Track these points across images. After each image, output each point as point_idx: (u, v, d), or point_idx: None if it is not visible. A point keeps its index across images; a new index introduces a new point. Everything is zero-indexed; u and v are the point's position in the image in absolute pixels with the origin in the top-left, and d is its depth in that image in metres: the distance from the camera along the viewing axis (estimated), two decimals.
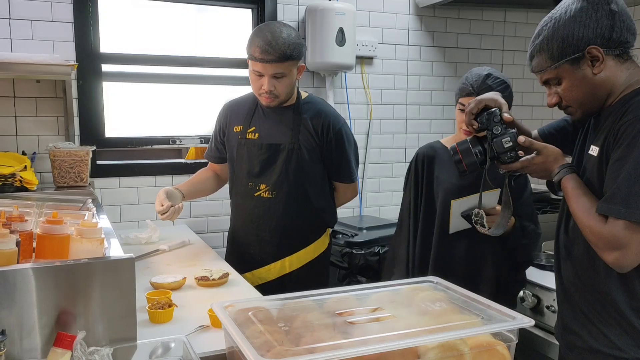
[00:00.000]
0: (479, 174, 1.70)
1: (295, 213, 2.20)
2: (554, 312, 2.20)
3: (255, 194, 2.21)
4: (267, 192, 2.19)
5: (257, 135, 2.21)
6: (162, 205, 2.10)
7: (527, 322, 1.16)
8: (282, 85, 2.10)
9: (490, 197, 1.92)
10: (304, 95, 2.27)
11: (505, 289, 2.01)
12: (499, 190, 1.89)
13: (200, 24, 3.09)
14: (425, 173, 2.07)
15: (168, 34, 2.99)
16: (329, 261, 2.43)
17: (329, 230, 2.36)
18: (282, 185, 2.18)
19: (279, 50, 2.02)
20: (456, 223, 1.99)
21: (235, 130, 2.26)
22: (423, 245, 2.05)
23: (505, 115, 1.56)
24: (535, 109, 3.81)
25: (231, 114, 2.31)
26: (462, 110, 1.87)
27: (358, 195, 3.25)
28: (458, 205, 1.98)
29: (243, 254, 2.28)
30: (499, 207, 1.89)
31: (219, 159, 2.40)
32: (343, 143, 2.23)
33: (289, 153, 2.17)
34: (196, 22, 3.08)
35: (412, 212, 2.10)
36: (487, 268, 1.99)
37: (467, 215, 1.95)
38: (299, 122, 2.19)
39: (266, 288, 2.12)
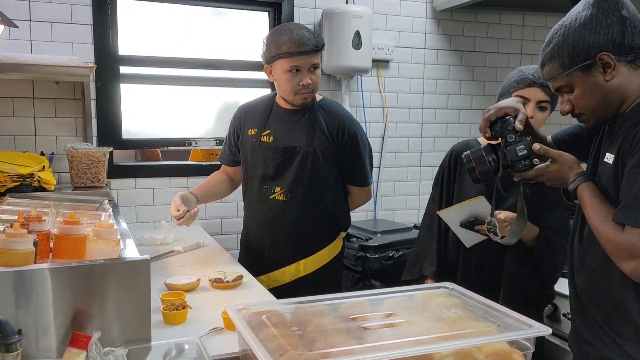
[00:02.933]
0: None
1: (310, 216, 2.20)
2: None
3: (270, 197, 2.21)
4: (282, 195, 2.19)
5: (272, 138, 2.21)
6: (178, 211, 2.12)
7: (545, 330, 1.14)
8: (317, 78, 2.14)
9: (480, 205, 1.90)
10: (318, 98, 2.27)
11: (531, 303, 1.95)
12: (481, 197, 1.88)
13: (217, 27, 3.11)
14: (457, 171, 2.04)
15: (185, 36, 3.01)
16: (342, 265, 2.42)
17: (343, 234, 2.36)
18: (297, 188, 2.18)
19: (313, 40, 2.06)
20: (466, 237, 1.97)
21: (249, 134, 2.26)
22: (454, 246, 2.04)
23: (516, 124, 1.50)
24: (554, 114, 3.75)
25: (245, 117, 2.31)
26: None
27: (373, 199, 3.24)
28: (447, 216, 1.97)
29: (257, 257, 2.28)
30: (504, 214, 1.86)
31: (232, 162, 2.40)
32: (358, 146, 2.23)
33: (304, 156, 2.17)
34: (213, 25, 3.10)
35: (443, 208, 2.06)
36: (505, 278, 1.95)
37: (466, 225, 1.93)
38: (315, 124, 2.19)
39: (280, 291, 2.12)
